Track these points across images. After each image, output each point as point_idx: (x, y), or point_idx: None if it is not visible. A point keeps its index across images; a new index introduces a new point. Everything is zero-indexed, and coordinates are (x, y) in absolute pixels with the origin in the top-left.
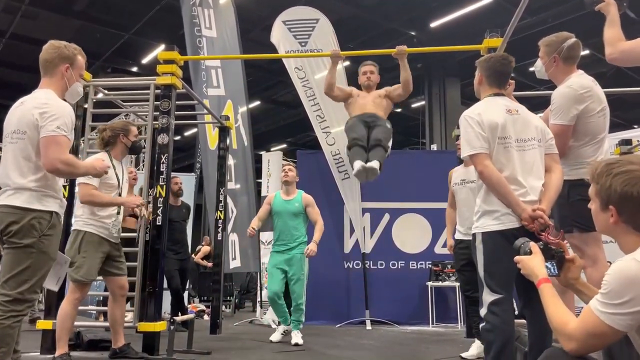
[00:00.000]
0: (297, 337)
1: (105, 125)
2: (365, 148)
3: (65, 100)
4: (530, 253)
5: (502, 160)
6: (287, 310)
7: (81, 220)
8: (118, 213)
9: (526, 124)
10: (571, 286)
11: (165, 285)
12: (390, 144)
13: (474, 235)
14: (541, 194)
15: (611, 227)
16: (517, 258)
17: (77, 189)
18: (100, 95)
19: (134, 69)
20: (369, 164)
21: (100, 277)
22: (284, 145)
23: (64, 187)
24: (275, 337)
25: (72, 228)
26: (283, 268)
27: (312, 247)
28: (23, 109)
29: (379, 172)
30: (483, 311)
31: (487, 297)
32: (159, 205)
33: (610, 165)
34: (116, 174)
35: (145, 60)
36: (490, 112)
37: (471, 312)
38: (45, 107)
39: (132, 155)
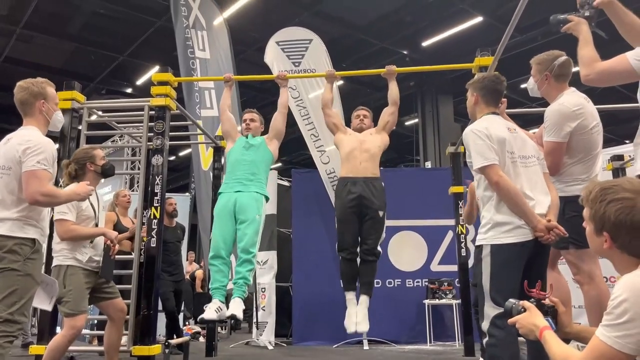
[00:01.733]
0: (235, 306)
1: (68, 160)
2: (355, 261)
3: (50, 131)
4: (523, 311)
5: (511, 174)
6: (228, 278)
7: (61, 255)
8: (91, 242)
9: (524, 142)
10: (568, 334)
11: (159, 307)
12: (382, 232)
13: (480, 246)
14: (548, 209)
15: (605, 251)
16: (512, 320)
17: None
18: (94, 117)
19: (129, 90)
20: (360, 329)
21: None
22: (279, 164)
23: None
24: (208, 314)
25: (53, 265)
26: (232, 207)
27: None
28: (9, 145)
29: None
30: (485, 325)
31: (490, 310)
32: (153, 227)
33: (605, 191)
34: (91, 204)
35: (139, 82)
36: (495, 127)
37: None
38: (28, 143)
39: (105, 178)
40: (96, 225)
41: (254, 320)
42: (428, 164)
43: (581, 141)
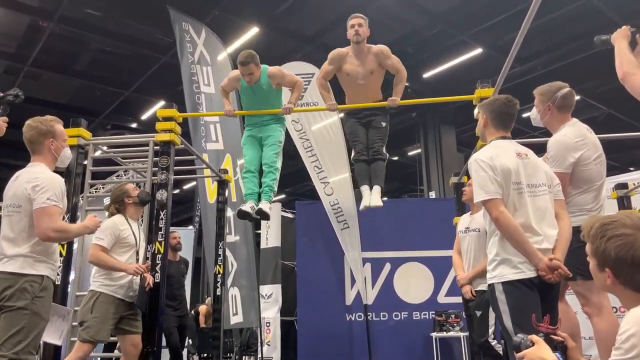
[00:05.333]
0: (263, 205)
1: (108, 204)
2: (367, 161)
3: (58, 167)
4: (532, 345)
5: (517, 207)
6: (257, 187)
7: (97, 281)
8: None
9: (536, 168)
10: None
11: (163, 342)
12: (386, 139)
13: (491, 285)
14: (555, 244)
15: (609, 287)
16: (520, 354)
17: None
18: (99, 153)
19: (134, 125)
20: (374, 203)
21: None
22: (283, 196)
23: (62, 245)
24: (245, 207)
25: (89, 288)
26: (257, 135)
27: (287, 106)
28: (17, 183)
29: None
30: None
31: None
32: (157, 261)
33: (605, 227)
34: (133, 233)
35: (144, 117)
36: (501, 156)
37: None
38: (36, 180)
39: (144, 205)
40: (137, 253)
41: (259, 355)
42: (432, 194)
43: (585, 172)
